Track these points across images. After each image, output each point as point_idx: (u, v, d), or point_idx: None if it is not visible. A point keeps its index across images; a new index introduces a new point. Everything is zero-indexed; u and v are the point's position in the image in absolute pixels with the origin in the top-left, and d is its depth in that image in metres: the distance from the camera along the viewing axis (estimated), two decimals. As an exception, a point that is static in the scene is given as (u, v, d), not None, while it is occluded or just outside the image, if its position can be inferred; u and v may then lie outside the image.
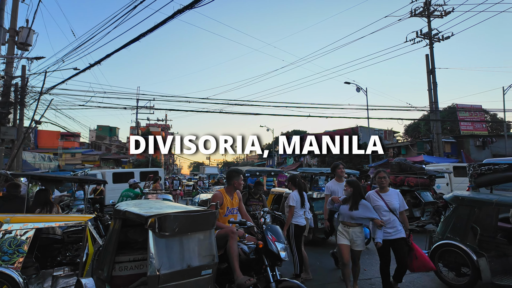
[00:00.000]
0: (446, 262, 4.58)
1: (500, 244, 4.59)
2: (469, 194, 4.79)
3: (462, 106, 27.10)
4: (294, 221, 4.91)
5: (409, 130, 35.68)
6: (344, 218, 4.18)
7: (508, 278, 4.15)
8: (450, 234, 4.55)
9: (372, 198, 4.19)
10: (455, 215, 4.62)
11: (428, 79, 19.87)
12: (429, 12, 19.39)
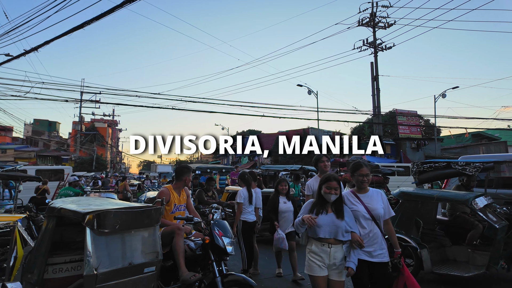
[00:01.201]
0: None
1: (438, 236, 5.05)
2: (413, 190, 5.18)
3: (400, 111, 29.68)
4: (242, 218, 5.01)
5: (355, 132, 38.05)
6: (325, 232, 2.73)
7: (445, 267, 4.57)
8: (396, 227, 4.75)
9: (347, 201, 2.96)
10: (402, 209, 4.85)
11: (372, 85, 21.44)
12: (374, 23, 20.92)
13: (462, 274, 4.22)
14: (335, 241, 2.75)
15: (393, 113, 30.51)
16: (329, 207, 2.83)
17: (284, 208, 4.92)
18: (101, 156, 38.54)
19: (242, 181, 5.28)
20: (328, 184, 2.82)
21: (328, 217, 2.78)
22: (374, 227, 2.87)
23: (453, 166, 5.18)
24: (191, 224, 3.50)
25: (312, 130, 38.90)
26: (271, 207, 4.95)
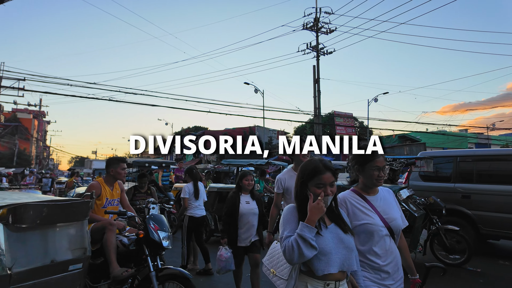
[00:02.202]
0: None
1: None
2: (347, 184, 5.58)
3: (338, 113, 31.85)
4: (188, 213, 5.02)
5: (298, 131, 39.77)
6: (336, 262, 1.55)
7: None
8: None
9: (353, 208, 1.89)
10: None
11: (314, 87, 22.60)
12: (318, 27, 22.06)
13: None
14: (343, 274, 1.58)
15: (332, 115, 32.58)
16: (324, 215, 1.63)
17: (246, 210, 3.70)
18: (24, 151, 34.33)
19: (189, 176, 5.24)
20: (320, 179, 1.60)
21: (331, 233, 1.61)
22: (394, 247, 1.87)
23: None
24: (124, 219, 3.36)
25: (259, 128, 39.65)
26: (229, 209, 3.74)
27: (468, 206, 5.71)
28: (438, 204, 5.27)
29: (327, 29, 22.17)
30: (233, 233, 3.71)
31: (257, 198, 3.94)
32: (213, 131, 53.67)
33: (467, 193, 5.81)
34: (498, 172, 5.79)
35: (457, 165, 6.10)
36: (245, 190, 3.89)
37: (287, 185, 3.06)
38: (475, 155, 6.22)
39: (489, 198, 5.48)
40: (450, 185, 6.02)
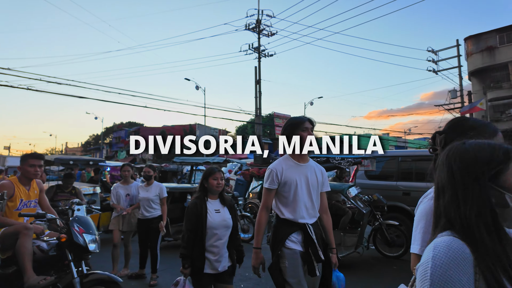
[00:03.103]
0: None
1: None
2: None
3: (278, 114, 32.97)
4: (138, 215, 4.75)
5: (239, 130, 40.19)
6: None
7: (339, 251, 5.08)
8: None
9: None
10: None
11: (255, 88, 23.01)
12: (259, 29, 22.50)
13: (337, 255, 4.92)
14: None
15: (272, 116, 33.59)
16: None
17: (216, 222, 2.63)
18: None
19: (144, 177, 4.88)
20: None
21: None
22: None
23: (331, 161, 5.92)
24: (43, 221, 2.98)
25: (199, 126, 38.90)
26: (192, 222, 2.60)
27: (408, 202, 6.19)
28: (381, 201, 5.64)
29: (268, 32, 22.77)
30: (199, 256, 2.56)
31: (229, 204, 2.79)
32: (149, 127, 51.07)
33: (407, 191, 6.33)
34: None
35: (398, 164, 6.65)
36: (212, 193, 2.71)
37: (285, 177, 2.25)
38: (415, 155, 6.86)
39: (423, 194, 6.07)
40: (393, 183, 6.52)
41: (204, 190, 2.74)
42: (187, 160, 8.98)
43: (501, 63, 21.85)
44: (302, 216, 2.27)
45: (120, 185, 4.82)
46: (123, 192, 4.76)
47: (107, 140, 60.58)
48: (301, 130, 2.27)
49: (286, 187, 2.27)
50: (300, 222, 2.25)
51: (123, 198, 4.73)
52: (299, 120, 2.33)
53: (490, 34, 22.53)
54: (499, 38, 22.22)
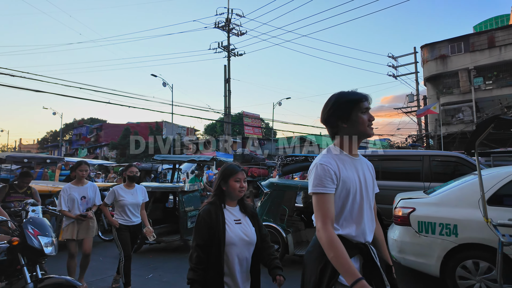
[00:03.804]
0: None
1: (295, 221, 5.82)
2: (281, 180, 5.62)
3: (247, 114, 33.12)
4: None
5: (208, 129, 39.78)
6: None
7: (302, 249, 5.21)
8: (266, 216, 5.05)
9: None
10: (271, 199, 5.11)
11: (224, 86, 22.95)
12: (229, 28, 22.47)
13: None
14: None
15: (241, 115, 33.65)
16: None
17: (237, 236, 1.98)
18: None
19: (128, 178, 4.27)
20: None
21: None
22: None
23: (310, 160, 6.06)
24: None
25: (167, 124, 38.01)
26: (205, 235, 1.94)
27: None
28: None
29: (238, 31, 22.82)
30: (214, 283, 1.91)
31: (251, 212, 2.13)
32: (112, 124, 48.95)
33: None
34: (398, 170, 6.85)
35: None
36: (232, 199, 2.06)
37: (343, 177, 1.57)
38: (380, 155, 7.22)
39: (390, 192, 6.10)
40: None
41: (221, 194, 2.04)
42: (169, 158, 8.33)
43: (452, 70, 23.72)
44: (364, 231, 1.59)
45: (72, 186, 4.05)
46: (78, 195, 4.01)
47: (66, 137, 57.15)
48: (360, 111, 1.60)
49: (344, 191, 1.58)
50: (360, 242, 1.57)
51: (78, 201, 4.00)
52: (357, 97, 1.60)
53: (443, 43, 24.37)
54: (450, 48, 24.10)
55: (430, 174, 6.35)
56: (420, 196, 4.13)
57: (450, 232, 3.55)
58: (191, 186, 6.32)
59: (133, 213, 4.02)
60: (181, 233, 5.73)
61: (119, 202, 3.96)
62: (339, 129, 1.65)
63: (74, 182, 4.13)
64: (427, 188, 5.68)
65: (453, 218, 3.57)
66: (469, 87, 22.75)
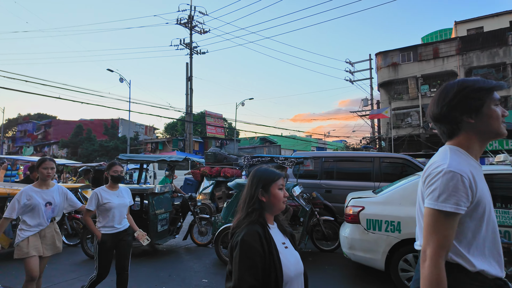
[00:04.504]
0: (226, 243, 4.99)
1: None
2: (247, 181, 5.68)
3: (209, 113, 32.75)
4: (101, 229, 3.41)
5: (168, 128, 38.66)
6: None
7: None
8: (232, 217, 5.04)
9: None
10: (237, 199, 5.05)
11: (186, 84, 22.49)
12: (192, 25, 22.07)
13: None
14: None
15: (203, 114, 33.20)
16: None
17: (294, 269, 1.43)
18: None
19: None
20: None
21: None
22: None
23: (276, 160, 6.11)
24: None
25: (123, 121, 36.30)
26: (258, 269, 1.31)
27: (329, 199, 6.83)
28: (318, 199, 6.04)
29: (201, 29, 22.49)
30: None
31: (290, 232, 1.63)
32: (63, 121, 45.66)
33: (329, 188, 7.03)
34: (351, 170, 7.22)
35: (322, 164, 7.30)
36: (272, 212, 1.54)
37: (479, 191, 1.19)
38: (335, 157, 7.57)
39: (342, 191, 6.57)
40: (317, 182, 7.18)
41: (262, 208, 1.48)
42: (135, 158, 7.66)
43: (402, 77, 25.58)
44: (501, 263, 1.24)
45: (34, 189, 3.18)
46: (41, 200, 3.15)
47: (9, 133, 52.19)
48: (494, 103, 1.24)
49: (479, 211, 1.19)
50: (497, 277, 1.21)
51: (42, 209, 3.14)
52: (490, 85, 1.24)
53: (395, 52, 26.19)
54: (401, 56, 25.97)
55: (379, 174, 6.79)
56: (369, 196, 4.41)
57: (394, 228, 3.84)
58: (161, 187, 5.93)
59: (120, 217, 3.40)
60: (151, 237, 5.27)
61: (104, 206, 3.29)
62: (463, 126, 1.25)
63: (36, 184, 3.26)
64: (377, 187, 6.06)
65: (397, 215, 3.87)
66: (417, 94, 24.70)
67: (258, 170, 1.61)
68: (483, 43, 23.62)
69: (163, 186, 6.09)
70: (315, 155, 7.58)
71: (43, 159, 3.30)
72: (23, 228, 3.07)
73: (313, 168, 7.09)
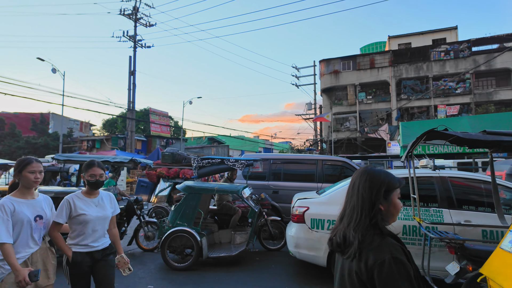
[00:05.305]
0: (173, 248, 4.93)
1: (209, 224, 5.75)
2: (197, 183, 5.46)
3: (154, 110, 31.36)
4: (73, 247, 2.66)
5: (107, 125, 36.07)
6: None
7: (215, 251, 5.17)
8: (180, 220, 4.97)
9: None
10: (186, 202, 5.02)
11: (129, 79, 21.24)
12: (136, 17, 20.93)
13: (229, 254, 5.03)
14: None
15: (147, 111, 31.68)
16: None
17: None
18: None
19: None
20: None
21: None
22: None
23: (226, 162, 6.06)
24: None
25: (55, 116, 32.94)
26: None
27: (276, 199, 7.07)
28: (267, 200, 6.17)
29: (146, 22, 21.46)
30: None
31: None
32: (-20, 113, 39.68)
33: (276, 189, 7.25)
34: (297, 172, 7.51)
35: (270, 166, 7.51)
36: (387, 223, 1.31)
37: None
38: (282, 159, 7.81)
39: (289, 192, 6.88)
40: (266, 183, 7.37)
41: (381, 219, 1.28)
42: (74, 158, 6.92)
43: (342, 84, 27.47)
44: None
45: (17, 200, 2.32)
46: (30, 213, 2.33)
47: None
48: None
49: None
50: None
51: (32, 223, 2.32)
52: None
53: (337, 60, 28.01)
54: (342, 65, 27.87)
55: (322, 176, 7.22)
56: (313, 196, 4.67)
57: (335, 227, 4.13)
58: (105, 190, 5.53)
59: (99, 234, 2.60)
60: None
61: (77, 218, 2.50)
62: None
63: (17, 194, 2.36)
64: (320, 188, 6.44)
65: (338, 215, 4.16)
66: (355, 100, 26.74)
67: (376, 172, 1.31)
68: (411, 57, 26.52)
69: (107, 188, 5.71)
70: (264, 157, 7.78)
71: (28, 159, 2.41)
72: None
73: (262, 170, 7.27)
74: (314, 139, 27.54)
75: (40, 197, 2.48)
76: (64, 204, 2.49)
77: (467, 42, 24.60)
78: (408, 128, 9.28)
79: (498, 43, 24.93)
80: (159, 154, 14.95)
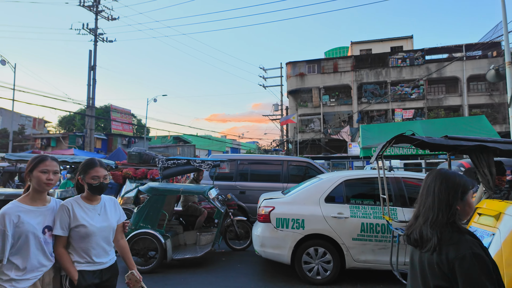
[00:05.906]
0: (135, 251, 4.77)
1: (174, 225, 5.66)
2: (161, 185, 5.32)
3: (115, 107, 30.00)
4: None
5: (64, 122, 33.88)
6: None
7: (180, 252, 5.07)
8: (143, 223, 4.86)
9: None
10: (150, 204, 4.92)
11: (89, 74, 20.14)
12: (98, 10, 19.92)
13: (195, 255, 4.97)
14: None
15: (107, 108, 30.24)
16: None
17: None
18: None
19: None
20: None
21: None
22: None
23: (192, 163, 6.01)
24: None
25: (3, 112, 30.29)
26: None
27: (243, 200, 7.13)
28: (233, 200, 6.18)
29: (108, 15, 20.49)
30: None
31: None
32: None
33: (243, 189, 7.30)
34: (263, 172, 7.62)
35: (237, 167, 7.53)
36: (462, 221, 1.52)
37: None
38: (249, 159, 7.88)
39: (255, 192, 6.99)
40: (233, 183, 7.39)
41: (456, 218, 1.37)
42: (27, 158, 6.33)
43: (307, 87, 28.27)
44: None
45: (24, 207, 1.91)
46: (37, 224, 1.92)
47: None
48: None
49: None
50: None
51: (40, 238, 1.92)
52: None
53: (302, 63, 28.76)
54: (307, 68, 28.67)
55: (287, 176, 7.42)
56: (279, 196, 4.79)
57: (299, 225, 4.29)
58: (62, 192, 5.19)
59: (104, 248, 2.16)
60: None
61: (77, 231, 2.04)
62: None
63: (25, 199, 1.96)
64: (286, 188, 6.61)
65: (301, 214, 4.33)
66: (319, 103, 27.63)
67: (451, 175, 1.39)
68: (371, 63, 27.97)
69: (64, 191, 5.39)
70: (231, 158, 7.81)
71: (42, 156, 2.02)
72: (11, 277, 1.79)
73: (229, 171, 7.31)
74: (280, 140, 28.04)
75: (52, 202, 2.06)
76: (62, 211, 2.04)
77: (421, 51, 26.49)
78: (367, 130, 9.81)
79: (448, 53, 27.16)
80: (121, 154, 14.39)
